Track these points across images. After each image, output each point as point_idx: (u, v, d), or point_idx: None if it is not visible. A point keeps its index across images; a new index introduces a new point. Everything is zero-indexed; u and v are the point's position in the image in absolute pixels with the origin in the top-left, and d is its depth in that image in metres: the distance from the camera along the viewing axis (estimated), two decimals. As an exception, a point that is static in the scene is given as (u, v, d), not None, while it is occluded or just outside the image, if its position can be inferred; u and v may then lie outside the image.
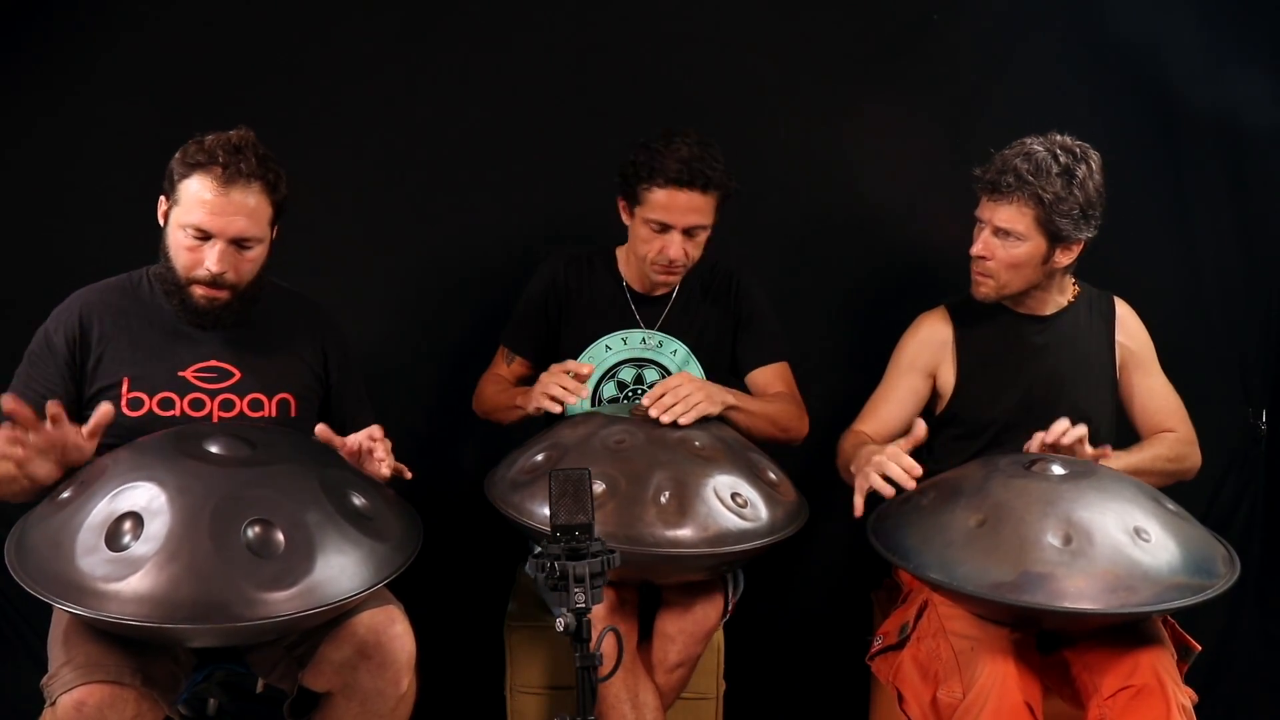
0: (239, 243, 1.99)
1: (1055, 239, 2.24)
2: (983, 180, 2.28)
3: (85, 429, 1.86)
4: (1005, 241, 2.25)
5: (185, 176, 1.97)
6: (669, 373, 2.46)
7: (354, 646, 1.85)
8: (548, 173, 2.79)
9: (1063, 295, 2.38)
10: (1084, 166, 2.22)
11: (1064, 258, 2.27)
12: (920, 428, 2.13)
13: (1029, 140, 2.26)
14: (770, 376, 2.49)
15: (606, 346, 2.46)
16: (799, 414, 2.46)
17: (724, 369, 2.52)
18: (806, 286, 2.86)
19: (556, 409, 2.24)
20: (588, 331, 2.46)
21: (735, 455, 2.18)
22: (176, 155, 1.99)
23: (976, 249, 2.30)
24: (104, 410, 1.87)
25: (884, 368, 2.45)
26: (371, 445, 2.00)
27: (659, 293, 2.47)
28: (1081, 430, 2.11)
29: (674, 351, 2.47)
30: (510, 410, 2.39)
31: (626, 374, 2.47)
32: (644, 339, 2.47)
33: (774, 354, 2.50)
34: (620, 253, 2.51)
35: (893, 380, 2.42)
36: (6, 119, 2.64)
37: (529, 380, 2.48)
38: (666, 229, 2.30)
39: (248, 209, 1.98)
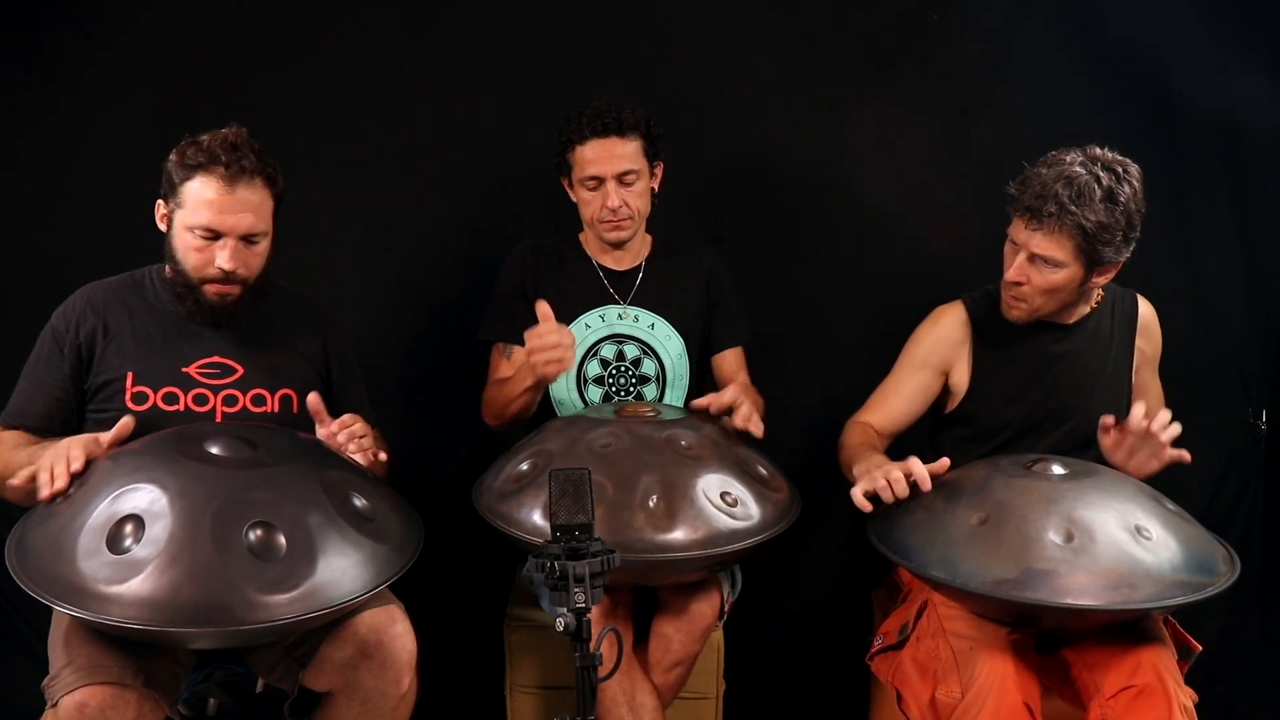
0: (247, 238, 2.02)
1: (1094, 264, 2.14)
2: (1019, 202, 2.13)
3: (105, 439, 1.88)
4: (1042, 268, 2.14)
5: (187, 179, 1.98)
6: (649, 348, 2.49)
7: (355, 646, 1.85)
8: (546, 170, 2.78)
9: (1087, 304, 2.30)
10: (1127, 187, 2.09)
11: (1100, 279, 2.19)
12: (943, 464, 2.06)
13: (1068, 157, 2.11)
14: (735, 358, 2.58)
15: (586, 325, 2.49)
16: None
17: (698, 344, 2.56)
18: (805, 284, 2.87)
19: (559, 373, 2.24)
20: (564, 313, 2.44)
21: (723, 453, 2.17)
22: (172, 158, 2.01)
23: (1011, 275, 2.17)
24: (125, 423, 1.90)
25: (883, 364, 2.42)
26: (332, 436, 2.01)
27: (626, 265, 2.53)
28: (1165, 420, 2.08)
29: (651, 325, 2.50)
30: (518, 399, 2.36)
31: (608, 351, 2.49)
32: (620, 314, 2.50)
33: (740, 336, 2.59)
34: (583, 237, 2.57)
35: (904, 374, 2.36)
36: (7, 118, 2.64)
37: None
38: (600, 183, 2.41)
39: (253, 205, 2.00)
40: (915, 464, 2.04)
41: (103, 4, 2.65)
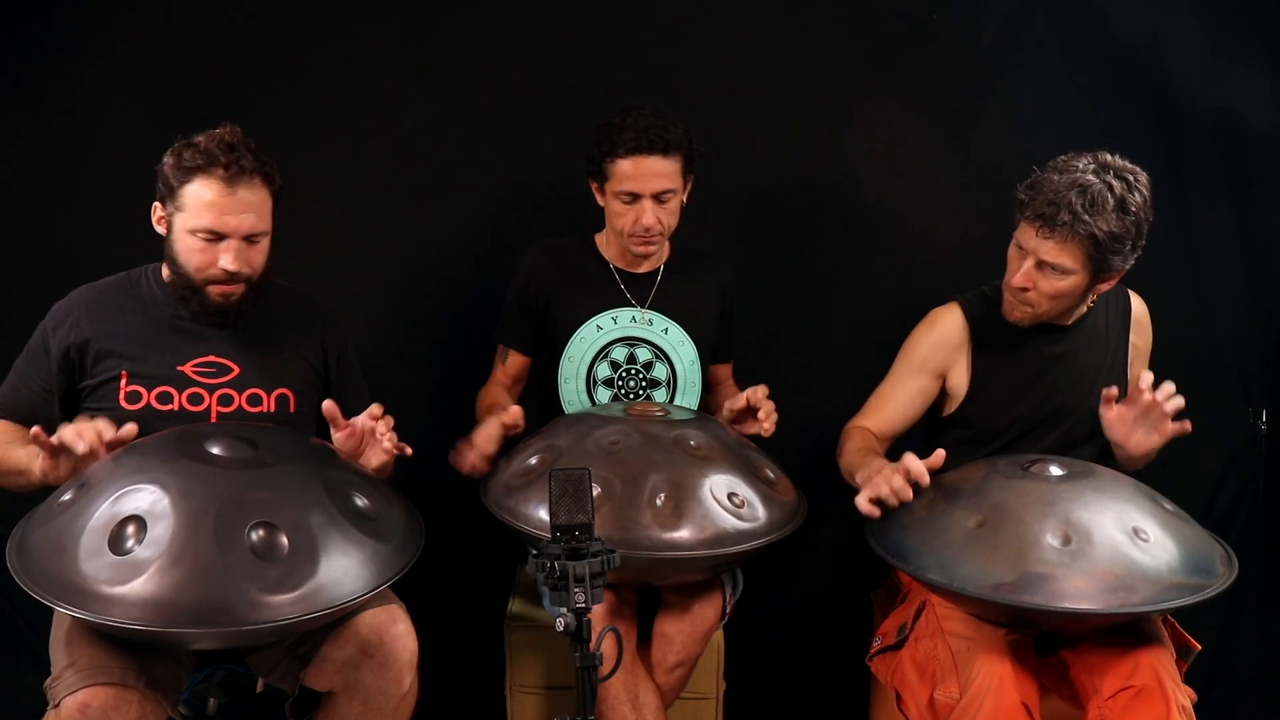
0: (249, 238, 2.02)
1: (1101, 271, 2.14)
2: (1030, 208, 2.11)
3: (109, 433, 1.86)
4: (1050, 274, 2.12)
5: (185, 182, 1.98)
6: (662, 353, 2.49)
7: (356, 646, 1.86)
8: (545, 169, 2.79)
9: (1083, 305, 2.29)
10: (1138, 195, 2.08)
11: (1105, 286, 2.20)
12: (938, 457, 2.06)
13: (1079, 164, 2.10)
14: (728, 371, 2.65)
15: (598, 326, 2.48)
16: None
17: (710, 350, 2.56)
18: (804, 285, 2.87)
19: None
20: (577, 313, 2.48)
21: (732, 454, 2.17)
22: (168, 161, 2.00)
23: (1018, 280, 2.15)
24: (129, 429, 1.89)
25: (883, 364, 2.42)
26: (371, 425, 2.01)
27: (643, 269, 2.50)
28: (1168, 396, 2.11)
29: (665, 330, 2.49)
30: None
31: (619, 353, 2.48)
32: (634, 317, 2.49)
33: (734, 353, 2.65)
34: (599, 238, 2.54)
35: (901, 378, 2.36)
36: (7, 118, 2.64)
37: (528, 375, 2.54)
38: (636, 198, 2.34)
39: (254, 205, 2.00)
40: (912, 461, 2.04)
41: (103, 4, 2.65)
